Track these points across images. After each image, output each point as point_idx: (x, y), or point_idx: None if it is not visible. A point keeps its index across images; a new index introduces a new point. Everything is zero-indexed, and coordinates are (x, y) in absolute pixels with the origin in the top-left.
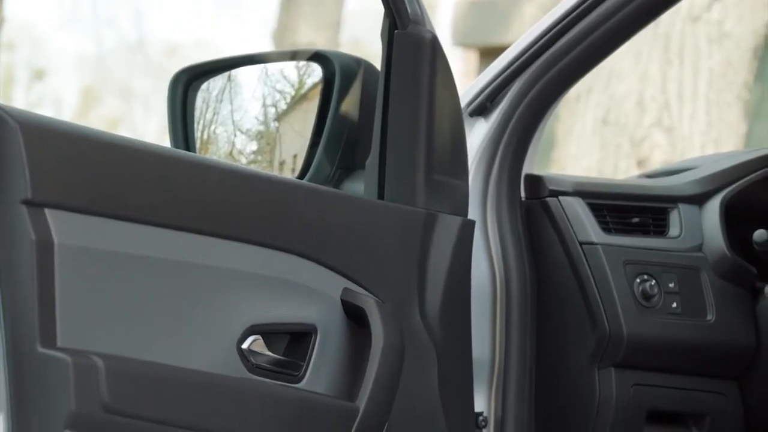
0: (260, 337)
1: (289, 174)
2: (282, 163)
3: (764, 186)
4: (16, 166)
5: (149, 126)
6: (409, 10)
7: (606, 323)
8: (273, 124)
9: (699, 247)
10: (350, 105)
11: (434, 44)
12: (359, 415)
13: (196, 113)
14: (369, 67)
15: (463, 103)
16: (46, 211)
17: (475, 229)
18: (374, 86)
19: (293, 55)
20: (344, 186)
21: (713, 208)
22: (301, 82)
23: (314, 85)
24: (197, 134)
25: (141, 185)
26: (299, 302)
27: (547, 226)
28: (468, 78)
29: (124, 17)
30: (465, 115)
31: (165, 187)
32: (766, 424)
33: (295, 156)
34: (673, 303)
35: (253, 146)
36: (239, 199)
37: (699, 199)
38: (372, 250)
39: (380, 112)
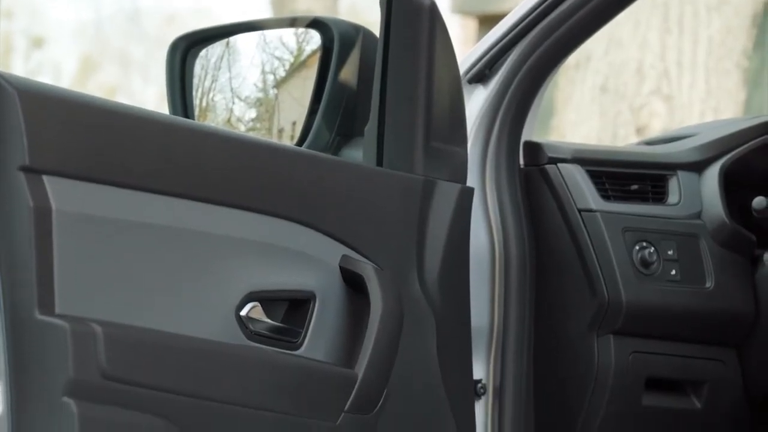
0: (259, 304)
1: (288, 141)
2: (281, 131)
3: (763, 153)
4: (14, 132)
5: (148, 94)
6: None
7: (605, 291)
8: (272, 92)
9: (698, 215)
10: (349, 72)
11: (433, 11)
12: (358, 381)
13: (195, 80)
14: (368, 34)
15: (461, 70)
16: (44, 177)
17: (473, 196)
18: (373, 53)
19: (292, 22)
20: (343, 153)
21: (712, 175)
22: (299, 50)
23: (313, 53)
24: (196, 101)
25: (139, 152)
26: (298, 269)
27: (546, 194)
28: (467, 45)
29: None
30: (464, 82)
31: (163, 154)
32: (765, 392)
33: (293, 123)
34: (672, 270)
35: (252, 113)
36: (238, 167)
37: (698, 167)
38: (371, 217)
39: (379, 79)
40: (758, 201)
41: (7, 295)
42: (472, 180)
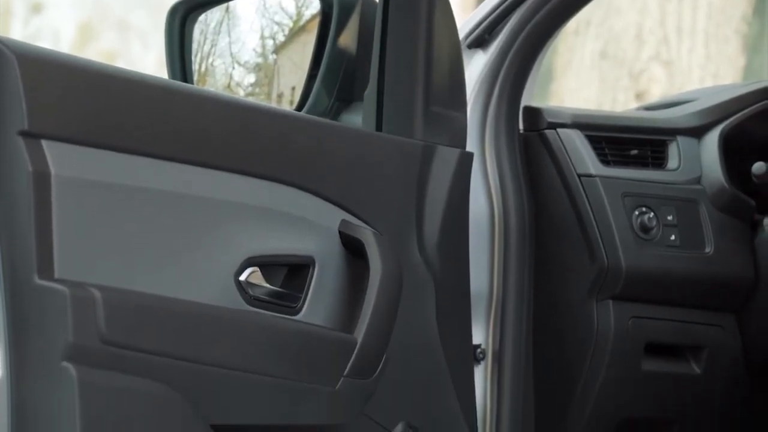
0: (258, 269)
1: (287, 106)
2: (280, 95)
3: (763, 118)
4: (12, 97)
5: (147, 60)
6: None
7: (604, 256)
8: (271, 57)
9: (697, 180)
10: (348, 37)
11: None
12: (357, 346)
13: (194, 46)
14: None
15: (461, 35)
16: (43, 142)
17: (473, 161)
18: (372, 18)
19: None
20: (342, 118)
21: (712, 140)
22: (299, 14)
23: (313, 17)
24: (195, 66)
25: (138, 117)
26: (297, 234)
27: (546, 159)
28: (466, 10)
29: None
30: (463, 47)
31: (163, 119)
32: (764, 357)
33: (293, 88)
34: (671, 235)
35: (251, 78)
36: (237, 131)
37: (697, 132)
38: (370, 182)
39: (378, 44)
40: (758, 166)
41: (6, 260)
42: (471, 145)
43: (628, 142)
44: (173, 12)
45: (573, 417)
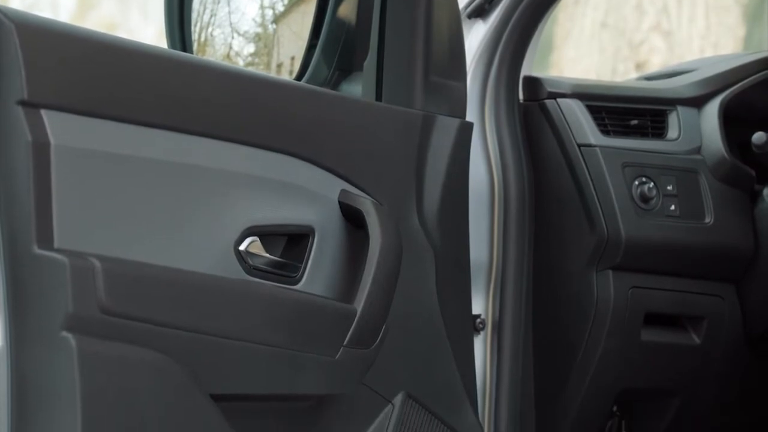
0: (258, 239)
1: (287, 76)
2: (279, 65)
3: (763, 88)
4: (12, 66)
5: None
6: None
7: (604, 225)
8: (271, 26)
9: (697, 150)
10: (348, 7)
11: None
12: (357, 316)
13: (193, 15)
14: None
15: (461, 4)
16: (42, 112)
17: (473, 131)
18: None
19: None
20: (342, 88)
21: (712, 110)
22: None
23: None
24: (194, 36)
25: (138, 86)
26: (297, 204)
27: (546, 129)
28: None
29: None
30: (463, 16)
31: (162, 89)
32: (763, 327)
33: (292, 58)
34: (671, 205)
35: (251, 48)
36: (236, 101)
37: (698, 102)
38: (370, 152)
39: (378, 13)
40: (758, 136)
41: (5, 229)
42: (471, 115)
43: (628, 112)
44: None
45: (572, 387)
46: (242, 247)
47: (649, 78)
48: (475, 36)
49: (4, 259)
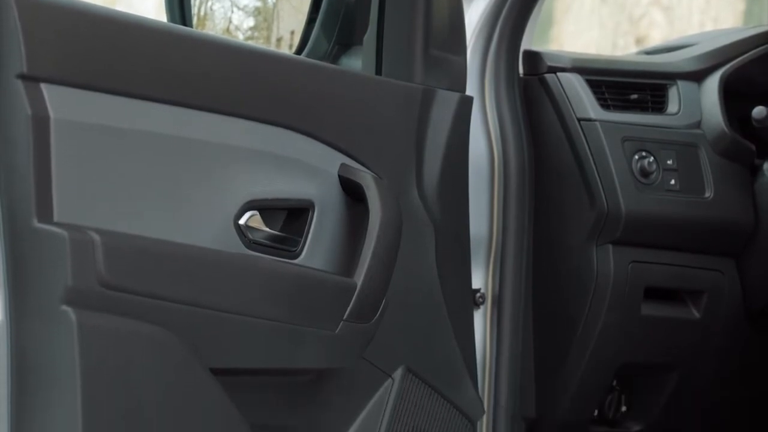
0: (257, 213)
1: (287, 50)
2: (279, 39)
3: (763, 63)
4: (11, 39)
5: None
6: None
7: (604, 200)
8: (270, 0)
9: (698, 124)
10: None
11: None
12: (357, 290)
13: None
14: None
15: None
16: (42, 85)
17: (473, 105)
18: None
19: None
20: (342, 62)
21: (712, 84)
22: None
23: None
24: (194, 10)
25: (138, 60)
26: (296, 178)
27: (546, 103)
28: None
29: None
30: None
31: (162, 62)
32: (763, 302)
33: (292, 32)
34: (671, 180)
35: (250, 22)
36: (236, 75)
37: (698, 76)
38: (370, 126)
39: None
40: (758, 110)
41: (5, 203)
42: (471, 89)
43: (628, 86)
44: None
45: (572, 361)
46: (242, 221)
47: (649, 52)
48: (475, 10)
49: (3, 233)
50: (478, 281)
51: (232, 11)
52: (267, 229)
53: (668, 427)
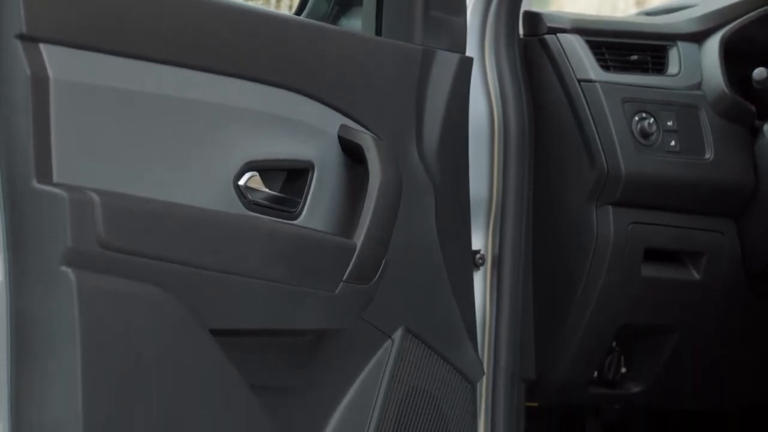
0: (257, 174)
1: (286, 10)
2: (279, 0)
3: (764, 24)
4: (10, 0)
5: None
6: None
7: (604, 161)
8: None
9: (698, 85)
10: None
11: None
12: (356, 251)
13: None
14: None
15: None
16: (41, 46)
17: (472, 66)
18: None
19: None
20: (341, 22)
21: (712, 46)
22: None
23: None
24: None
25: (136, 20)
26: (296, 139)
27: (546, 64)
28: None
29: None
30: None
31: (161, 23)
32: (763, 263)
33: None
34: (671, 141)
35: None
36: (236, 36)
37: (698, 37)
38: (370, 86)
39: None
40: (758, 72)
41: (4, 164)
42: (471, 50)
43: (628, 47)
44: None
45: (572, 322)
46: (241, 182)
47: (649, 13)
48: None
49: (3, 194)
50: (477, 242)
51: None
52: (266, 190)
53: (667, 388)
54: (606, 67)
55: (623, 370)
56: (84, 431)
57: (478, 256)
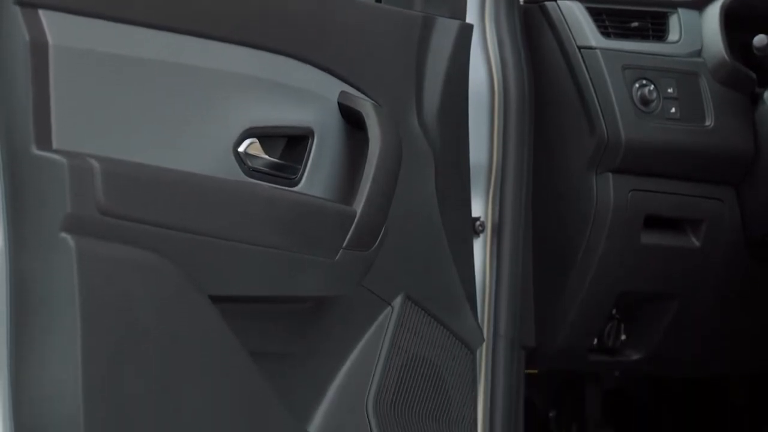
0: (257, 140)
1: None
2: None
3: None
4: None
5: None
6: None
7: (604, 128)
8: None
9: (698, 53)
10: None
11: None
12: (356, 218)
13: None
14: None
15: None
16: (40, 11)
17: (473, 32)
18: None
19: None
20: None
21: (713, 12)
22: None
23: None
24: None
25: None
26: (296, 105)
27: (546, 31)
28: None
29: None
30: None
31: None
32: (763, 230)
33: None
34: (671, 108)
35: None
36: (236, 2)
37: (699, 4)
38: (370, 53)
39: None
40: (759, 39)
41: (3, 131)
42: (471, 17)
43: (629, 14)
44: None
45: (572, 289)
46: (241, 149)
47: None
48: None
49: (2, 160)
50: (477, 209)
51: None
52: (266, 157)
53: (667, 355)
54: (606, 34)
55: (623, 337)
56: (83, 394)
57: (478, 223)
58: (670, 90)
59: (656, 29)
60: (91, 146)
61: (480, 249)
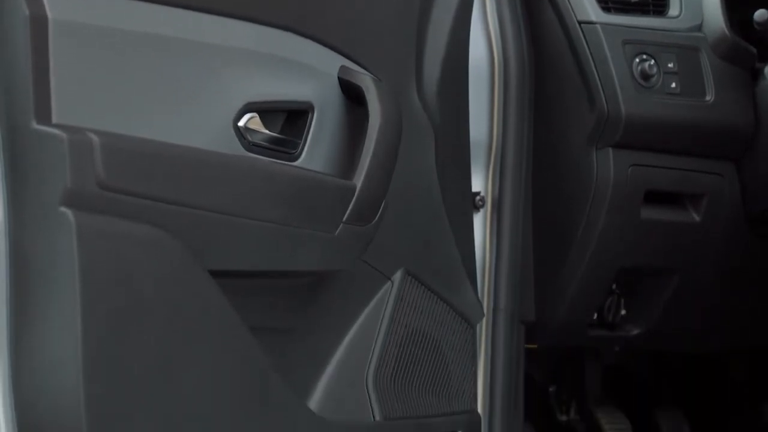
0: (256, 115)
1: None
2: None
3: None
4: None
5: None
6: None
7: (604, 103)
8: None
9: (699, 27)
10: None
11: None
12: (356, 192)
13: None
14: None
15: None
16: None
17: (473, 6)
18: None
19: None
20: None
21: None
22: None
23: None
24: None
25: None
26: (296, 80)
27: (546, 6)
28: None
29: None
30: None
31: None
32: (763, 205)
33: None
34: (672, 83)
35: None
36: None
37: None
38: (369, 27)
39: None
40: (760, 13)
41: (3, 105)
42: None
43: None
44: None
45: (572, 264)
46: (241, 123)
47: None
48: None
49: (2, 134)
50: (477, 184)
51: None
52: (266, 131)
53: (667, 330)
54: (606, 9)
55: (623, 312)
56: (83, 370)
57: (478, 197)
58: (670, 65)
59: (656, 4)
60: (91, 121)
61: (480, 224)
